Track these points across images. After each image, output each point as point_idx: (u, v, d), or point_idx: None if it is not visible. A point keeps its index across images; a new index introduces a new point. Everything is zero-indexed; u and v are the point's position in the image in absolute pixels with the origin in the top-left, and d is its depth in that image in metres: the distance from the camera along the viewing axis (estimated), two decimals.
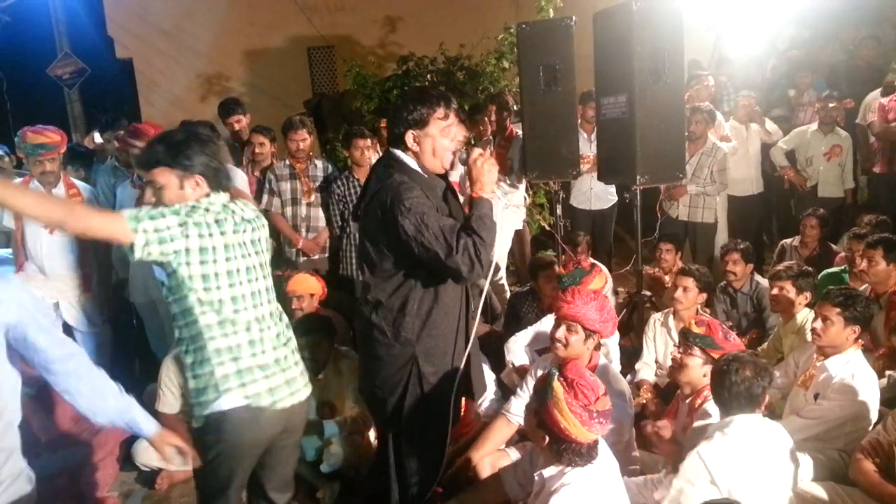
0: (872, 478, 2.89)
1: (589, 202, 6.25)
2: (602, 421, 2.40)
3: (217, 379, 2.37)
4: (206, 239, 2.34)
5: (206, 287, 2.34)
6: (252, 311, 2.45)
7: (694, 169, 5.62)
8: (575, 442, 2.39)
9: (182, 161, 2.38)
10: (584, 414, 2.36)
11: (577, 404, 2.36)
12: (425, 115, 2.62)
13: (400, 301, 2.66)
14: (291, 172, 5.16)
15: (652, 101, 4.15)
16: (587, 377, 2.46)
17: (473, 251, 2.50)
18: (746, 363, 2.73)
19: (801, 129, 6.46)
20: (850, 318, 3.22)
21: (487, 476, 3.14)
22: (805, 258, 5.22)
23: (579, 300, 3.21)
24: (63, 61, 9.54)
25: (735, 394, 2.69)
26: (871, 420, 3.19)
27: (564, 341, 3.20)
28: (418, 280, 2.65)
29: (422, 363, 2.71)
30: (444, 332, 2.72)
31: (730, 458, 2.64)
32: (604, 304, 3.25)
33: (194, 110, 8.68)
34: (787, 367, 3.64)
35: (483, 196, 2.63)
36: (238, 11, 9.49)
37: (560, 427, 2.37)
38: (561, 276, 4.24)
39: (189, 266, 2.32)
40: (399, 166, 2.67)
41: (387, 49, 9.21)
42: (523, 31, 4.75)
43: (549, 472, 2.50)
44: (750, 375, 2.69)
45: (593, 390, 2.41)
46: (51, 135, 4.20)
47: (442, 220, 2.55)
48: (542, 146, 4.80)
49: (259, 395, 2.41)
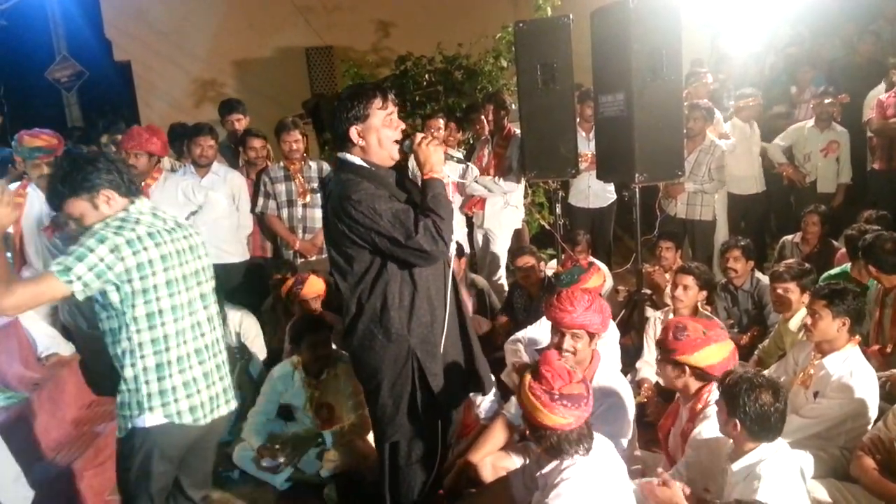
0: (873, 475, 2.89)
1: (587, 200, 6.25)
2: (566, 404, 2.40)
3: (142, 396, 2.42)
4: (141, 254, 2.36)
5: (146, 301, 2.38)
6: (188, 318, 2.50)
7: (692, 166, 5.61)
8: (549, 428, 2.42)
9: (82, 185, 2.40)
10: (544, 396, 2.41)
11: (539, 388, 2.42)
12: (364, 108, 2.64)
13: (380, 299, 2.67)
14: (286, 174, 5.15)
15: (650, 98, 4.14)
16: (554, 365, 2.50)
17: (434, 229, 2.55)
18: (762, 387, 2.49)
19: (797, 125, 6.45)
20: (837, 312, 3.21)
21: (494, 480, 3.11)
22: (806, 255, 5.20)
23: (578, 306, 3.15)
24: (61, 64, 9.54)
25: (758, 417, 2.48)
26: (871, 417, 3.18)
27: (573, 350, 3.16)
28: (391, 273, 2.66)
29: (420, 356, 2.72)
30: (431, 319, 2.74)
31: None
32: (601, 305, 3.24)
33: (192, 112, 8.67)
34: (787, 364, 3.63)
35: (434, 176, 2.69)
36: (236, 13, 9.48)
37: (528, 413, 2.44)
38: (558, 275, 4.24)
39: (130, 283, 2.35)
40: (345, 167, 2.70)
41: (385, 49, 9.20)
42: (521, 29, 4.74)
43: (548, 468, 2.52)
44: (770, 400, 2.47)
45: (560, 376, 2.45)
46: (47, 138, 4.21)
47: (394, 206, 2.59)
48: (540, 145, 4.79)
49: (180, 414, 2.47)
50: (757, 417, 2.46)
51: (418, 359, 2.72)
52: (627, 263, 6.24)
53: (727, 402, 2.53)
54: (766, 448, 2.52)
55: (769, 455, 2.51)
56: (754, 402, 2.46)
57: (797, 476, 2.54)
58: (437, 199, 2.63)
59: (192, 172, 5.00)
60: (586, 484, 2.41)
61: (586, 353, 3.20)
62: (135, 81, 9.80)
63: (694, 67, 7.02)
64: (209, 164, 5.00)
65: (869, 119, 6.16)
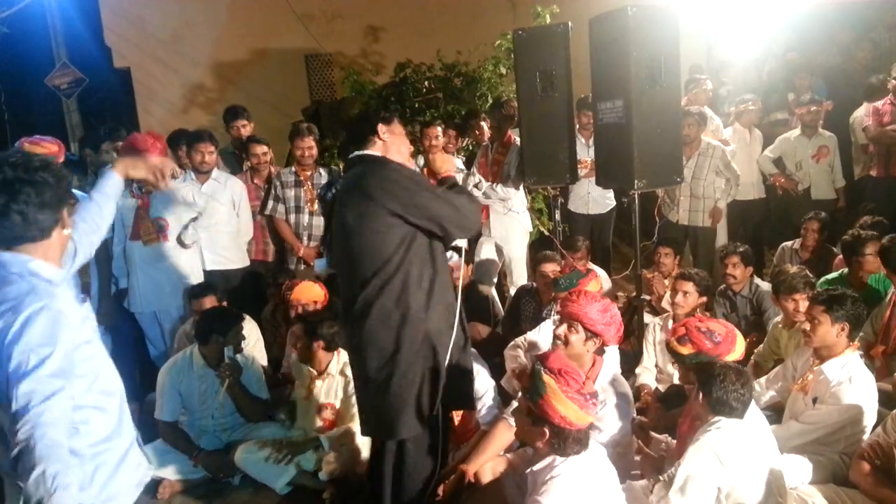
0: (873, 480, 2.90)
1: (587, 206, 6.27)
2: (595, 402, 2.50)
3: None
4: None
5: None
6: None
7: (693, 170, 5.64)
8: (576, 428, 2.45)
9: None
10: (580, 398, 2.44)
11: (572, 390, 2.44)
12: (391, 116, 2.96)
13: (402, 279, 2.74)
14: (297, 180, 5.20)
15: (648, 105, 4.16)
16: (570, 364, 2.55)
17: (468, 197, 2.91)
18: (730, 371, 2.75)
19: (784, 135, 6.43)
20: (836, 317, 3.22)
21: (488, 482, 3.13)
22: (804, 261, 5.22)
23: (583, 299, 3.23)
24: (61, 71, 9.55)
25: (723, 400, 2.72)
26: (870, 423, 3.19)
27: (564, 339, 3.22)
28: (414, 254, 2.76)
29: (434, 342, 2.79)
30: (444, 301, 2.84)
31: (733, 442, 2.66)
32: (608, 307, 3.26)
33: (192, 119, 8.71)
34: (786, 370, 3.64)
35: (450, 174, 3.08)
36: (236, 20, 9.51)
37: (560, 416, 2.43)
38: (557, 279, 4.26)
39: None
40: (366, 160, 2.87)
41: (384, 56, 9.23)
42: (520, 37, 4.77)
43: (539, 466, 2.53)
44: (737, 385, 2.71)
45: (579, 374, 2.51)
46: (48, 145, 4.21)
47: (431, 187, 2.86)
48: (539, 151, 4.82)
49: None
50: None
51: (432, 346, 2.77)
52: (626, 270, 6.26)
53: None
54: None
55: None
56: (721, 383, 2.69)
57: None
58: (457, 186, 2.98)
59: (193, 179, 5.01)
60: (577, 482, 2.44)
61: (579, 348, 3.22)
62: (135, 88, 9.82)
63: (693, 74, 7.05)
64: (210, 170, 5.02)
65: (866, 126, 6.19)
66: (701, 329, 3.03)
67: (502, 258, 5.63)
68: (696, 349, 3.00)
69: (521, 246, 5.61)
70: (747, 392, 2.72)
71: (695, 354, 3.00)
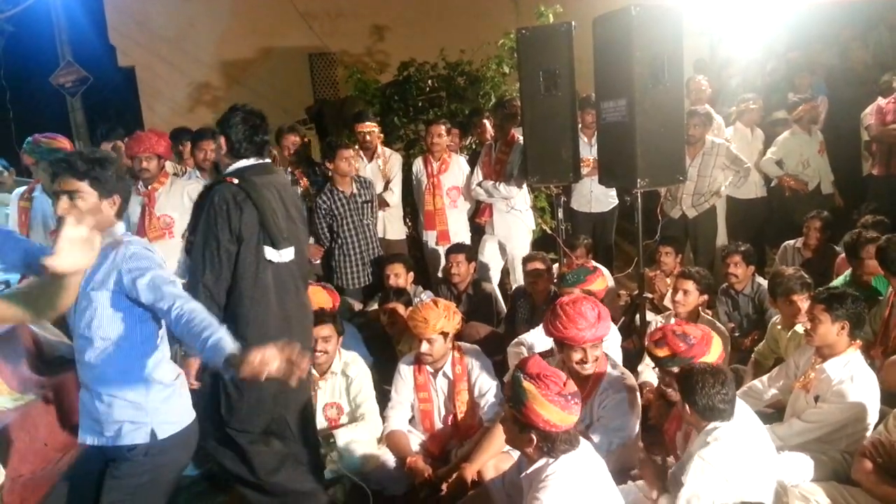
0: (875, 478, 2.91)
1: (589, 205, 6.27)
2: (577, 402, 2.50)
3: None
4: None
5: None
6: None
7: (698, 169, 5.64)
8: (562, 430, 2.46)
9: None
10: (560, 400, 2.45)
11: (553, 393, 2.45)
12: None
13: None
14: (293, 179, 5.22)
15: (651, 104, 4.17)
16: (548, 367, 2.56)
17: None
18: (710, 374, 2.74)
19: (783, 137, 6.30)
20: (837, 316, 3.23)
21: (473, 492, 3.12)
22: (807, 260, 5.23)
23: (590, 318, 3.15)
24: (65, 69, 9.58)
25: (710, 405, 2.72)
26: (871, 421, 3.20)
27: (593, 359, 3.21)
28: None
29: None
30: None
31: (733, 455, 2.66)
32: (603, 310, 3.27)
33: (196, 117, 8.73)
34: (788, 368, 3.65)
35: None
36: (239, 19, 9.54)
37: (544, 420, 2.44)
38: (564, 275, 4.27)
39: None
40: None
41: (387, 55, 9.25)
42: (523, 36, 4.78)
43: (532, 469, 2.54)
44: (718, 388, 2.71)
45: (559, 376, 2.51)
46: (63, 142, 4.30)
47: None
48: (542, 150, 4.83)
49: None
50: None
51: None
52: (628, 268, 6.28)
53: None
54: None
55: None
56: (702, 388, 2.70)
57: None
58: None
59: (198, 177, 5.04)
60: (573, 477, 2.46)
61: (602, 359, 3.27)
62: (138, 86, 9.87)
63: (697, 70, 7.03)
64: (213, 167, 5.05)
65: (868, 125, 6.18)
66: (676, 332, 3.09)
67: (505, 256, 5.65)
68: (671, 352, 3.06)
69: (523, 244, 5.62)
70: (730, 390, 2.73)
71: (670, 357, 3.06)
